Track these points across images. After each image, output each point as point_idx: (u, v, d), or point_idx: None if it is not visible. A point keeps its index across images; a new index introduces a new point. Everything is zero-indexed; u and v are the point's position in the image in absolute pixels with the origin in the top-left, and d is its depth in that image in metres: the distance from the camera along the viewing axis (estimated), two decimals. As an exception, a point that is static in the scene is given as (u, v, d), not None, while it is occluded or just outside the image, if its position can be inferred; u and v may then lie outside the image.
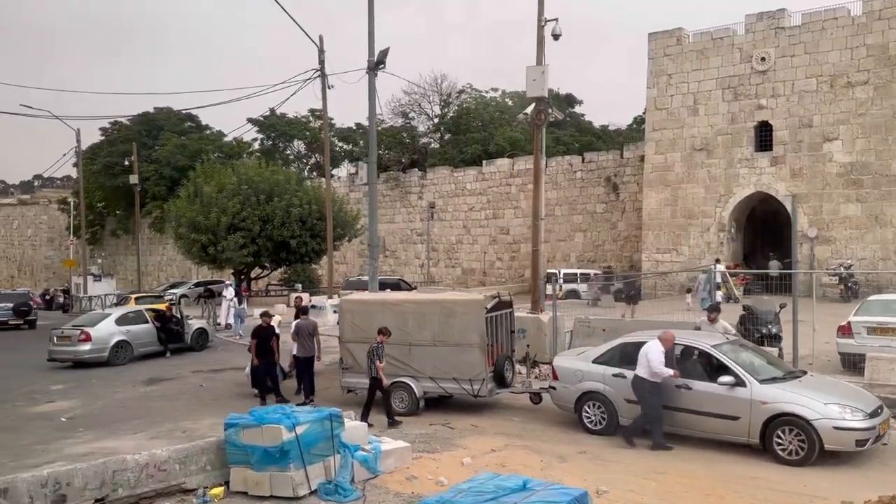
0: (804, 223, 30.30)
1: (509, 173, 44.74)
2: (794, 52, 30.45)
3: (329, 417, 8.95)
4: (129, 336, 19.22)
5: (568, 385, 11.21)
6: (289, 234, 36.72)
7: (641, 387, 10.01)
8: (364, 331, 13.05)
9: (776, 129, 30.97)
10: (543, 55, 17.07)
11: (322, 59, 25.37)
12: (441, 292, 15.23)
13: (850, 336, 13.78)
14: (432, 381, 12.54)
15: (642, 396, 10.03)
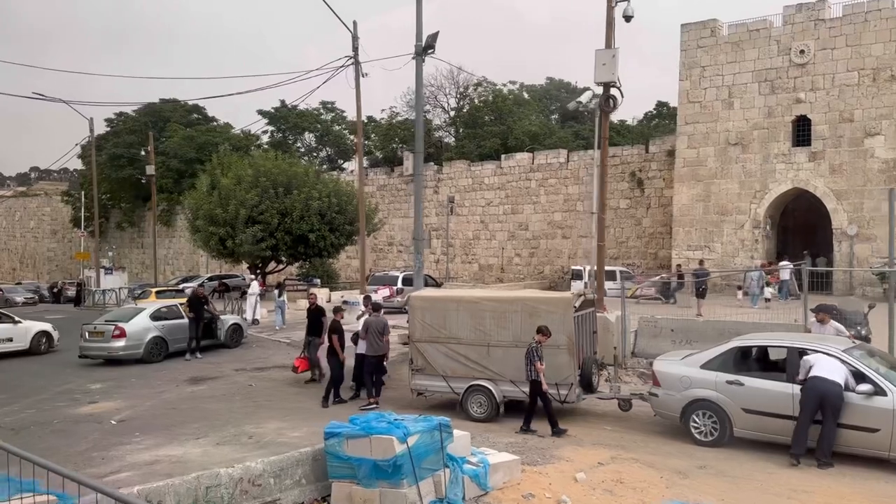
0: (843, 220, 29.51)
1: (529, 168, 43.80)
2: (835, 44, 29.60)
3: (438, 427, 8.06)
4: (164, 332, 18.36)
5: (673, 392, 10.34)
6: (308, 227, 35.80)
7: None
8: (436, 329, 12.18)
9: (815, 124, 30.13)
10: (613, 38, 16.15)
11: (356, 45, 24.39)
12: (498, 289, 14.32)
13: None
14: (513, 385, 11.65)
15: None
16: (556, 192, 42.44)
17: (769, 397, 9.47)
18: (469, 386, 11.80)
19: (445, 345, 12.11)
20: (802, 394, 8.90)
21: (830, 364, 8.93)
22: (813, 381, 8.82)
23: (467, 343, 11.95)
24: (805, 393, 8.86)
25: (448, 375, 12.10)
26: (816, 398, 8.74)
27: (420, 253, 18.98)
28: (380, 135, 53.99)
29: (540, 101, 52.38)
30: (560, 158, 42.54)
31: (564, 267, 42.29)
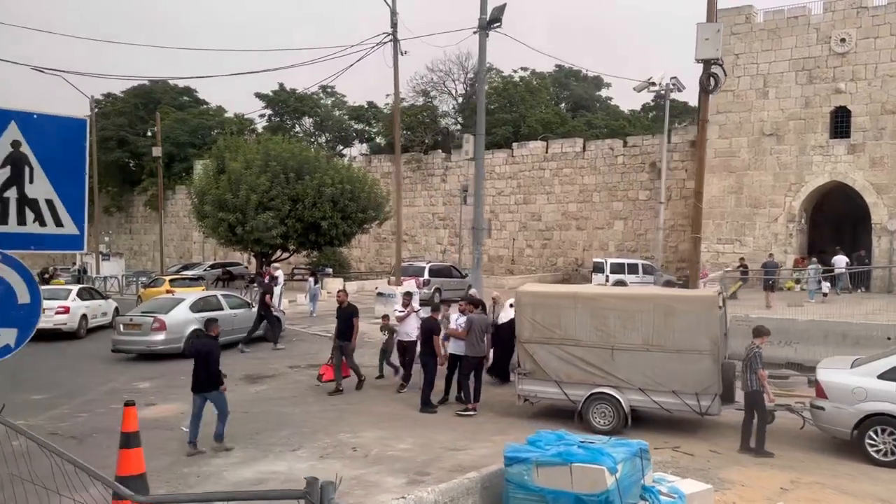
0: (884, 215, 28.67)
1: (543, 157, 42.53)
2: (879, 33, 28.67)
3: (639, 453, 6.74)
4: (203, 324, 16.74)
5: (843, 405, 9.13)
6: (320, 215, 34.25)
7: None
8: (549, 329, 10.84)
9: (855, 115, 29.23)
10: (715, 11, 14.87)
11: (395, 21, 22.83)
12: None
13: None
14: (642, 394, 10.37)
15: None
16: (572, 182, 41.24)
17: (972, 414, 8.31)
18: (591, 394, 10.49)
19: (560, 347, 10.79)
20: None
21: None
22: None
23: (587, 345, 10.63)
24: None
25: (563, 381, 10.79)
26: None
27: (480, 243, 17.60)
28: (384, 121, 52.34)
29: (549, 90, 51.06)
30: (576, 147, 41.32)
31: (579, 259, 41.18)
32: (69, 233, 3.65)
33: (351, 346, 13.18)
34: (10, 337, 3.48)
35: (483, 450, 9.68)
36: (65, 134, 3.64)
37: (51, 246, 3.63)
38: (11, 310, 3.49)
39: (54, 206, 3.61)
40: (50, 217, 3.59)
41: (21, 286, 3.51)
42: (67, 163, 3.62)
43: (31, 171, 3.54)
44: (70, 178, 3.64)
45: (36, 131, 3.54)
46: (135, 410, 6.91)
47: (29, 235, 3.54)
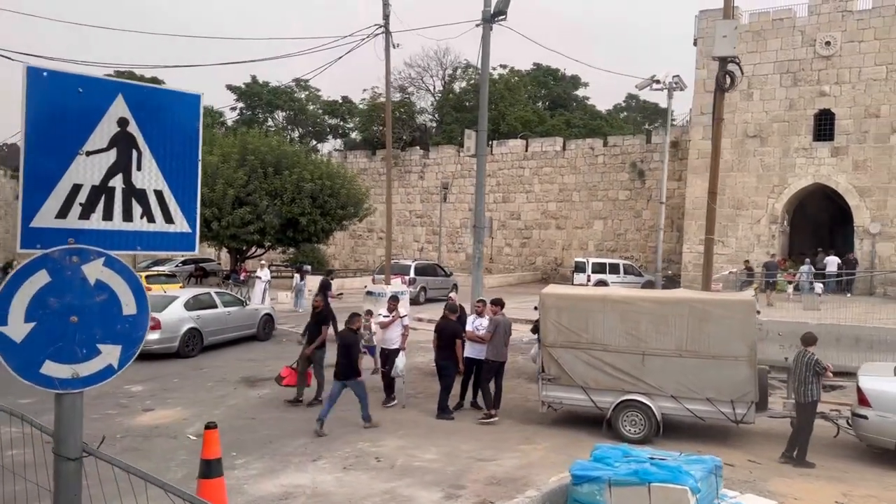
0: (866, 218, 28.91)
1: (522, 155, 42.24)
2: (863, 37, 28.89)
3: (714, 470, 6.30)
4: (199, 323, 16.31)
5: (888, 414, 8.84)
6: (299, 211, 33.38)
7: None
8: (576, 333, 10.39)
9: (839, 119, 29.41)
10: (732, 7, 14.58)
11: (387, 13, 22.15)
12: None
13: None
14: (674, 401, 9.97)
15: None
16: (551, 181, 41.01)
17: None
18: (621, 401, 10.06)
19: (587, 351, 10.34)
20: None
21: None
22: None
23: (616, 350, 10.20)
24: None
25: (590, 387, 10.34)
26: None
27: (481, 242, 17.07)
28: (361, 116, 51.50)
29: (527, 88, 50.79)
30: (556, 147, 41.10)
31: (558, 258, 41.00)
32: (180, 230, 3.04)
33: (309, 353, 12.07)
34: (112, 355, 2.85)
35: (513, 460, 9.18)
36: (178, 112, 3.03)
37: (159, 246, 3.01)
38: (115, 322, 2.85)
39: (164, 198, 2.99)
40: (159, 212, 2.98)
41: (127, 294, 2.87)
42: (180, 146, 3.02)
43: (140, 155, 2.92)
44: (183, 166, 3.02)
45: (145, 108, 2.93)
46: (216, 435, 6.26)
47: (135, 234, 2.92)
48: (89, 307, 2.74)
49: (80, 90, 2.74)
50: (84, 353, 2.76)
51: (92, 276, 2.71)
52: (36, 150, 2.61)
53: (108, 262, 2.78)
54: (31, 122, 2.60)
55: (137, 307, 2.86)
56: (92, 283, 2.73)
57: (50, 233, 2.66)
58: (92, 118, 2.77)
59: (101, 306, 2.77)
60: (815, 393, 9.04)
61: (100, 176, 2.80)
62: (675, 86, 28.67)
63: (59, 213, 2.68)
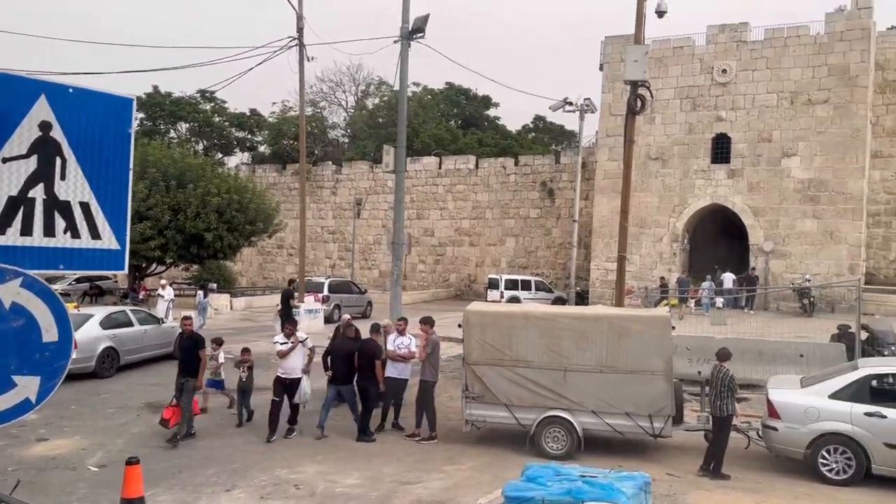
0: (760, 237, 30.58)
1: (436, 173, 42.44)
2: (756, 66, 30.70)
3: (644, 487, 6.36)
4: (115, 342, 15.73)
5: (796, 425, 9.23)
6: (204, 226, 32.19)
7: None
8: (499, 351, 10.37)
9: (734, 142, 31.07)
10: (643, 34, 15.11)
11: (301, 25, 21.80)
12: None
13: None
14: (594, 416, 10.09)
15: None
16: (465, 198, 41.38)
17: (920, 431, 8.59)
18: (543, 417, 10.09)
19: (511, 369, 10.33)
20: None
21: None
22: None
23: (538, 367, 10.24)
24: None
25: (513, 404, 10.32)
26: None
27: (399, 259, 16.92)
28: (270, 130, 50.42)
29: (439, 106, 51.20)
30: (469, 164, 41.54)
31: (471, 275, 41.29)
32: (108, 247, 2.74)
33: (197, 385, 11.04)
34: (29, 388, 2.50)
35: (438, 482, 9.02)
36: (107, 116, 2.74)
37: (85, 264, 2.68)
38: (33, 351, 2.50)
39: (91, 211, 2.68)
40: (85, 226, 2.66)
41: (47, 319, 2.54)
42: (110, 154, 2.72)
43: (65, 164, 2.61)
44: (112, 175, 2.74)
45: (71, 111, 2.62)
46: (139, 471, 5.75)
47: (58, 251, 2.59)
48: (3, 334, 2.41)
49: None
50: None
51: (7, 299, 2.39)
52: None
53: (27, 283, 2.47)
54: None
55: (59, 333, 2.55)
56: (7, 307, 2.40)
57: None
58: (10, 120, 2.47)
59: (17, 333, 2.45)
60: (731, 407, 9.35)
61: (18, 186, 2.48)
62: (587, 108, 29.57)
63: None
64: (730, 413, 9.37)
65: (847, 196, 29.01)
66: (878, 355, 13.12)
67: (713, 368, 9.65)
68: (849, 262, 29.09)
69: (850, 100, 28.87)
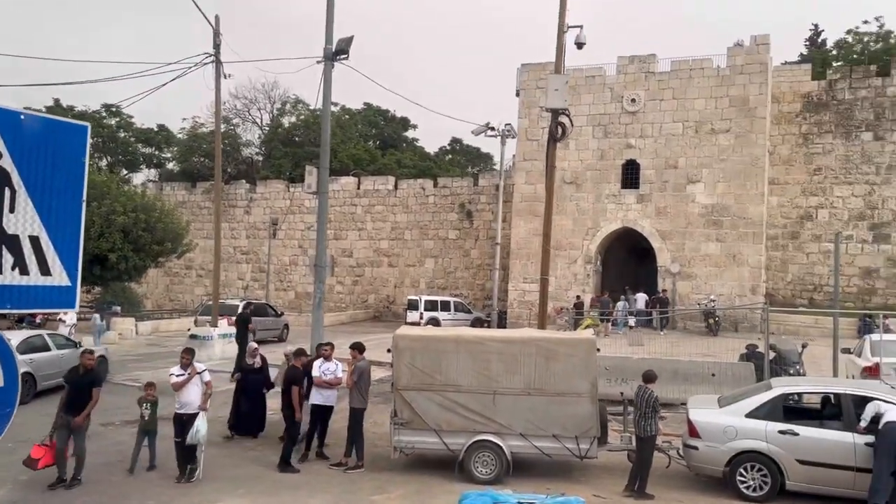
0: (667, 259, 31.83)
1: (354, 193, 42.19)
2: (663, 96, 32.13)
3: (580, 512, 6.41)
4: (32, 367, 15.39)
5: (715, 444, 9.57)
6: (108, 246, 30.70)
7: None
8: (429, 375, 10.31)
9: (643, 168, 32.33)
10: (563, 64, 15.52)
11: (217, 42, 21.29)
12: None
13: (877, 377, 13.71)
14: (523, 440, 10.16)
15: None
16: (384, 219, 41.27)
17: (827, 447, 9.09)
18: (473, 442, 10.07)
19: (440, 393, 10.28)
20: (879, 440, 8.55)
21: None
22: (893, 427, 8.51)
23: (468, 391, 10.24)
24: (884, 439, 8.51)
25: (442, 429, 10.26)
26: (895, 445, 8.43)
27: (322, 282, 16.62)
28: (180, 146, 48.87)
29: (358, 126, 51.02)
30: (388, 185, 41.52)
31: (390, 296, 41.11)
32: (58, 283, 2.54)
33: (82, 423, 9.83)
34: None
35: (368, 512, 8.84)
36: (61, 145, 2.54)
37: (33, 302, 2.47)
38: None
39: (41, 246, 2.48)
40: (34, 261, 2.45)
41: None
42: (62, 185, 2.52)
43: (14, 195, 2.40)
44: (64, 207, 2.53)
45: (22, 139, 2.42)
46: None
47: (5, 289, 2.37)
48: None
49: None
50: None
51: None
52: None
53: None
54: None
55: (5, 377, 2.33)
56: None
57: None
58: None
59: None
60: (654, 427, 9.61)
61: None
62: (508, 133, 30.14)
63: None
64: (653, 433, 9.63)
65: (748, 221, 30.65)
66: (785, 374, 13.84)
67: (638, 389, 9.91)
68: (750, 284, 30.66)
69: (750, 130, 30.62)
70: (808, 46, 46.33)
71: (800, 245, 33.20)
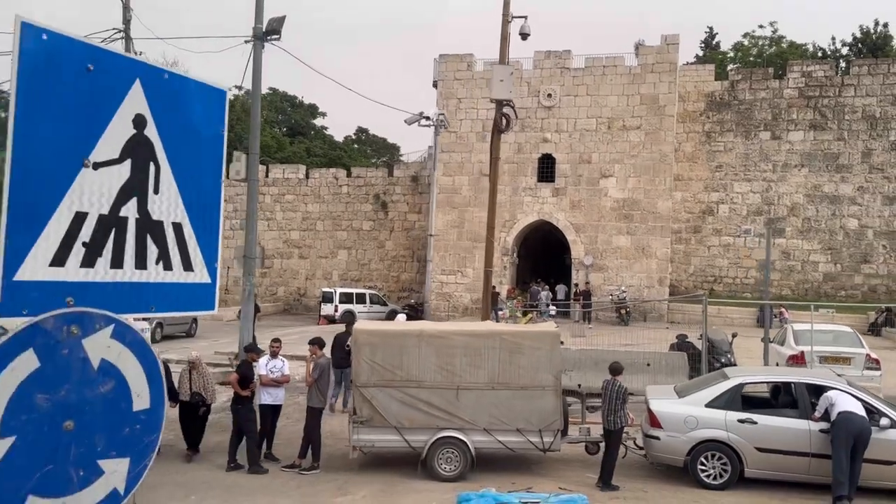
0: (581, 251, 32.55)
1: (263, 181, 40.57)
2: (578, 92, 32.76)
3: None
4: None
5: (677, 434, 9.70)
6: None
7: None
8: (390, 371, 9.93)
9: (559, 163, 32.88)
10: (507, 55, 15.35)
11: (128, 17, 19.80)
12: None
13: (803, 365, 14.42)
14: (487, 434, 9.96)
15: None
16: (294, 209, 40.08)
17: (784, 435, 9.38)
18: (437, 438, 9.77)
19: (401, 389, 9.91)
20: (835, 430, 8.89)
21: (850, 400, 9.10)
22: (846, 417, 8.86)
23: (431, 386, 9.92)
24: (839, 429, 8.85)
25: (404, 427, 9.90)
26: (851, 435, 8.79)
27: (251, 274, 15.82)
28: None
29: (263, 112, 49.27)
30: (299, 174, 40.34)
31: (301, 288, 40.02)
32: (199, 281, 2.02)
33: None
34: (118, 474, 1.80)
35: (335, 516, 8.39)
36: (199, 111, 2.03)
37: (175, 304, 1.97)
38: (123, 424, 1.80)
39: (183, 235, 1.96)
40: (178, 254, 1.94)
41: (139, 379, 1.79)
42: (203, 160, 2.02)
43: (158, 171, 1.89)
44: (205, 187, 2.02)
45: (166, 103, 1.92)
46: None
47: (150, 288, 1.87)
48: (90, 404, 1.69)
49: (89, 67, 1.73)
50: (81, 475, 1.72)
51: (95, 356, 1.67)
52: (27, 158, 1.56)
53: (118, 332, 1.76)
54: (23, 113, 1.55)
55: (151, 398, 1.84)
56: (95, 367, 1.68)
57: (40, 289, 1.59)
58: (103, 112, 1.76)
59: (105, 401, 1.72)
60: (623, 419, 9.64)
61: (109, 201, 1.77)
62: (441, 123, 29.90)
63: (55, 259, 1.63)
64: (622, 425, 9.66)
65: (656, 215, 31.77)
66: (717, 363, 14.30)
67: (606, 382, 9.91)
68: (658, 275, 31.82)
69: (660, 127, 31.72)
70: (703, 48, 48.59)
71: (701, 239, 34.78)
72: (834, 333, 15.47)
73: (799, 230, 33.19)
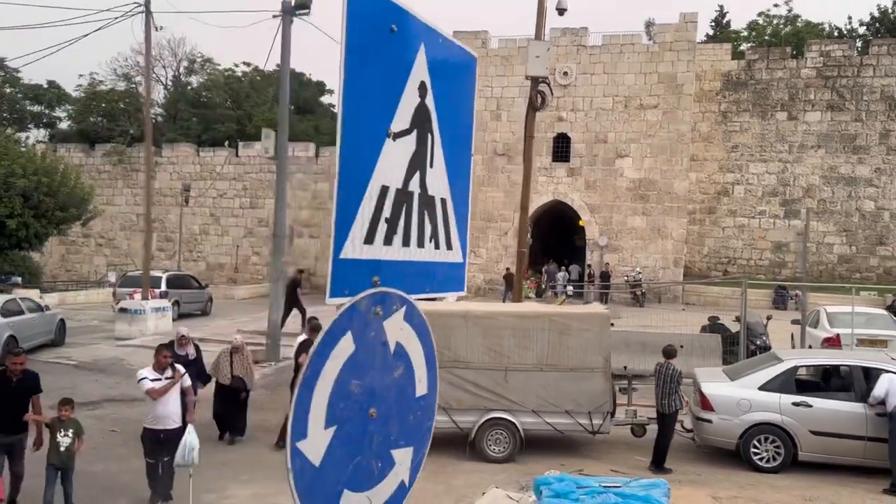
0: (596, 232, 32.35)
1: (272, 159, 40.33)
2: (594, 70, 32.38)
3: (667, 493, 6.11)
4: (15, 330, 15.22)
5: (729, 417, 9.57)
6: (6, 211, 27.98)
7: None
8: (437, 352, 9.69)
9: (574, 142, 32.59)
10: (544, 30, 15.03)
11: (148, -12, 19.41)
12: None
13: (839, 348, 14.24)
14: (535, 416, 9.82)
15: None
16: (304, 188, 39.79)
17: (840, 419, 9.26)
18: (485, 420, 9.64)
19: (449, 370, 9.71)
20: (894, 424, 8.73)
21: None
22: None
23: (478, 367, 9.77)
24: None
25: (451, 407, 9.75)
26: None
27: (280, 253, 15.63)
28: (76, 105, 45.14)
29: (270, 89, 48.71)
30: (308, 153, 39.98)
31: (311, 268, 39.78)
32: (455, 260, 1.92)
33: (37, 444, 7.50)
34: (404, 465, 1.70)
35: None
36: (461, 80, 1.92)
37: (440, 285, 1.90)
38: (408, 411, 1.76)
39: (447, 211, 1.88)
40: (442, 232, 1.86)
41: (421, 364, 1.77)
42: (462, 132, 1.91)
43: (433, 144, 1.78)
44: (462, 160, 1.92)
45: (440, 69, 1.83)
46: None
47: (427, 267, 1.79)
48: (387, 390, 1.55)
49: (393, 28, 1.58)
50: (379, 466, 1.59)
51: (392, 339, 1.53)
52: (354, 129, 1.47)
53: (409, 314, 1.63)
54: (350, 80, 1.42)
55: (429, 383, 1.69)
56: (392, 350, 1.53)
57: (357, 268, 1.47)
58: (401, 77, 1.65)
59: (397, 387, 1.58)
60: (678, 403, 9.50)
61: (402, 174, 1.64)
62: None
63: (367, 236, 1.49)
64: (677, 408, 9.53)
65: (672, 195, 31.53)
66: (752, 345, 14.16)
67: (659, 365, 9.76)
68: (673, 256, 31.67)
69: (677, 106, 31.38)
70: (713, 27, 48.02)
71: (716, 220, 34.57)
72: (867, 316, 15.31)
73: (815, 212, 32.94)
